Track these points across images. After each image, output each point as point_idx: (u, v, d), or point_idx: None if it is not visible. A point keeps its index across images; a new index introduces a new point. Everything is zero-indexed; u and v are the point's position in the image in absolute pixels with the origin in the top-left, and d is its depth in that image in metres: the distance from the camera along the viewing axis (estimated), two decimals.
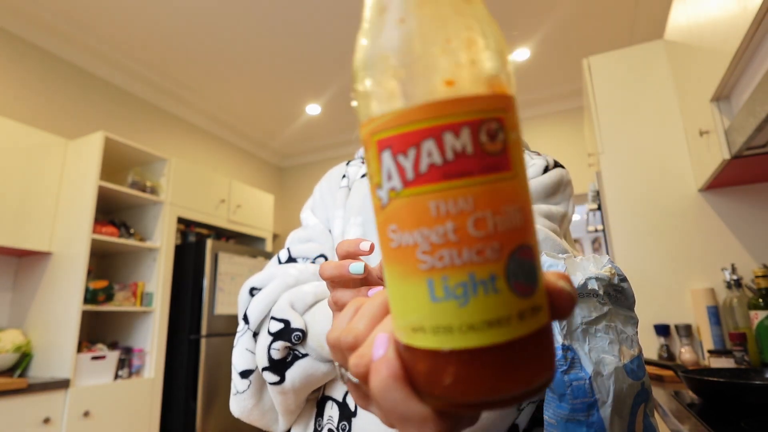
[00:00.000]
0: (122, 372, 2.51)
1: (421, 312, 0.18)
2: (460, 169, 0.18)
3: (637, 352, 0.45)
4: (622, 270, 0.47)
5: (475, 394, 0.18)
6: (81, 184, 2.47)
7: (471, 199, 0.18)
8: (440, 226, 0.18)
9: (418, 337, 0.19)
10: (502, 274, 0.18)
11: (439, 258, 0.18)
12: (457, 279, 0.18)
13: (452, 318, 0.18)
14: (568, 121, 3.84)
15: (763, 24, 0.98)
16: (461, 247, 0.18)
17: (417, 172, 0.18)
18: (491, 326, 0.18)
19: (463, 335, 0.18)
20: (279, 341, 0.54)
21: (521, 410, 0.41)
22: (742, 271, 1.59)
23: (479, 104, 0.18)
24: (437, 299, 0.18)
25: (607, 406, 0.39)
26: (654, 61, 1.88)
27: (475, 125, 0.18)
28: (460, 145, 0.18)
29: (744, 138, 1.13)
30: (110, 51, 3.12)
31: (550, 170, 0.62)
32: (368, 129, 0.20)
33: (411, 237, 0.18)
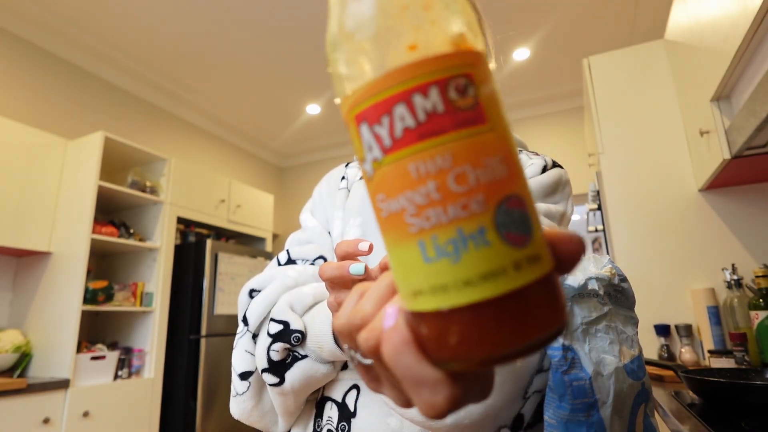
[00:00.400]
0: (122, 372, 2.51)
1: (417, 275, 0.19)
2: (434, 128, 0.18)
3: (637, 352, 0.44)
4: (622, 270, 0.47)
5: (482, 350, 0.18)
6: (81, 184, 2.47)
7: (449, 156, 0.18)
8: (422, 187, 0.18)
9: (419, 301, 0.19)
10: (491, 226, 0.18)
11: (426, 218, 0.18)
12: (446, 236, 0.18)
13: (447, 276, 0.18)
14: (568, 121, 3.84)
15: (764, 24, 0.98)
16: (446, 204, 0.18)
17: (393, 138, 0.18)
18: (487, 279, 0.18)
19: (460, 292, 0.18)
20: (278, 343, 0.54)
21: (527, 398, 0.41)
22: (743, 271, 1.59)
23: (443, 63, 0.18)
24: (430, 259, 0.18)
25: (608, 406, 0.39)
26: (654, 61, 1.88)
27: (442, 83, 0.18)
28: (430, 104, 0.18)
29: (744, 138, 1.13)
30: (110, 51, 3.12)
31: (549, 170, 0.62)
32: (346, 107, 0.20)
33: (397, 203, 0.19)
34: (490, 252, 0.18)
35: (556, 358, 0.40)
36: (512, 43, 3.18)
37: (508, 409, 0.39)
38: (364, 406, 0.55)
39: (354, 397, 0.56)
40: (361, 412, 0.55)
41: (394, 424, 0.53)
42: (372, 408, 0.54)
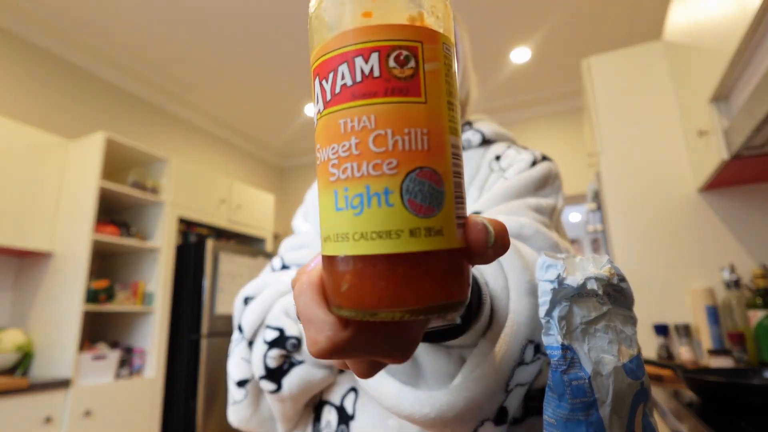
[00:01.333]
0: (123, 372, 2.51)
1: (329, 221, 0.20)
2: (367, 90, 0.19)
3: (637, 351, 0.45)
4: (621, 270, 0.48)
5: (367, 302, 0.19)
6: (82, 184, 2.48)
7: (373, 117, 0.19)
8: (346, 141, 0.20)
9: (327, 246, 0.21)
10: (396, 190, 0.19)
11: (342, 170, 0.20)
12: (355, 190, 0.19)
13: (348, 226, 0.19)
14: (568, 121, 3.85)
15: (762, 24, 0.99)
16: (361, 160, 0.19)
17: (333, 94, 0.20)
18: (381, 237, 0.19)
19: (356, 243, 0.19)
20: (274, 349, 0.53)
21: (509, 391, 0.40)
22: (741, 271, 1.59)
23: (390, 32, 0.20)
24: (339, 209, 0.20)
25: (607, 405, 0.40)
26: (653, 61, 1.89)
27: (384, 51, 0.20)
28: (368, 68, 0.19)
29: (743, 138, 1.13)
30: (111, 52, 3.12)
31: (539, 163, 0.61)
32: (311, 61, 0.22)
33: (326, 153, 0.20)
34: (389, 213, 0.19)
35: (556, 357, 0.41)
36: (512, 43, 3.18)
37: (490, 402, 0.39)
38: (363, 408, 0.55)
39: (352, 400, 0.55)
40: (360, 415, 0.54)
41: (393, 425, 0.53)
42: (371, 410, 0.54)
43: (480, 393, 0.38)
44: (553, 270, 0.42)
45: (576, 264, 0.45)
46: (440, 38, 0.21)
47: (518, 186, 0.56)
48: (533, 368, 0.40)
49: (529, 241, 0.51)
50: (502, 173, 0.60)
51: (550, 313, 0.41)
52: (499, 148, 0.65)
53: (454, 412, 0.38)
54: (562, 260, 0.43)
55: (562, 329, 0.41)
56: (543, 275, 0.43)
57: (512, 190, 0.56)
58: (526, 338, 0.39)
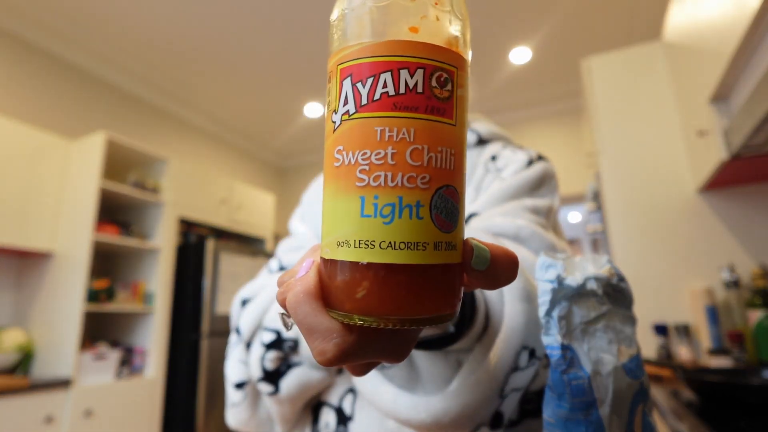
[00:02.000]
0: (124, 371, 2.51)
1: (349, 226, 0.20)
2: (409, 103, 0.20)
3: (636, 351, 0.45)
4: (620, 270, 0.48)
5: (381, 308, 0.20)
6: (83, 184, 2.48)
7: (413, 131, 0.20)
8: (381, 150, 0.20)
9: (341, 251, 0.21)
10: (427, 204, 0.20)
11: (374, 178, 0.20)
12: (386, 199, 0.20)
13: (376, 234, 0.20)
14: (568, 121, 3.85)
15: (761, 24, 0.99)
16: (396, 171, 0.20)
17: (370, 99, 0.20)
18: (409, 248, 0.20)
19: (383, 251, 0.20)
20: (272, 351, 0.53)
21: (504, 397, 0.40)
22: (740, 270, 1.60)
23: (436, 53, 0.21)
24: (366, 215, 0.20)
25: (606, 405, 0.40)
26: (653, 61, 1.89)
27: (428, 69, 0.20)
28: (413, 82, 0.20)
29: (742, 138, 1.13)
30: (112, 52, 3.13)
31: (534, 163, 0.61)
32: (336, 58, 0.22)
33: (354, 156, 0.20)
34: (419, 225, 0.20)
35: (555, 357, 0.41)
36: (512, 44, 3.19)
37: (485, 408, 0.39)
38: (362, 409, 0.54)
39: (351, 401, 0.55)
40: (359, 416, 0.54)
41: (392, 426, 0.53)
42: (369, 411, 0.54)
43: (475, 398, 0.38)
44: (552, 270, 0.43)
45: (576, 264, 0.45)
46: (467, 66, 0.22)
47: (514, 187, 0.56)
48: (528, 373, 0.40)
49: (527, 243, 0.51)
50: (498, 173, 0.60)
51: (549, 312, 0.41)
52: (495, 148, 0.65)
53: (450, 417, 0.38)
54: (561, 260, 0.43)
55: (561, 329, 0.41)
56: (543, 275, 0.43)
57: (508, 191, 0.56)
58: (521, 344, 0.40)
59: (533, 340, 0.40)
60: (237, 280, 3.12)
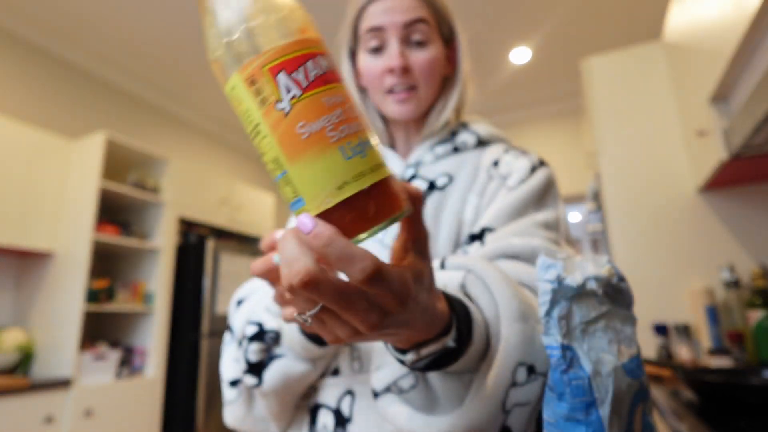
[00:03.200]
0: (123, 371, 2.51)
1: (342, 171, 0.26)
2: (330, 77, 0.28)
3: (636, 351, 0.45)
4: (620, 270, 0.48)
5: (382, 216, 0.27)
6: (83, 184, 2.48)
7: (341, 95, 0.28)
8: (334, 111, 0.27)
9: (345, 191, 0.26)
10: (369, 137, 0.28)
11: (340, 131, 0.26)
12: (355, 141, 0.27)
13: (362, 166, 0.26)
14: (568, 121, 3.85)
15: (761, 25, 0.99)
16: (350, 122, 0.27)
17: (308, 81, 0.27)
18: (379, 166, 0.27)
19: (370, 175, 0.27)
20: (254, 343, 0.54)
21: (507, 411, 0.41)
22: (740, 270, 1.60)
23: (320, 46, 0.29)
24: (349, 158, 0.26)
25: (606, 405, 0.40)
26: (652, 62, 1.89)
27: (325, 55, 0.29)
28: (325, 64, 0.28)
29: (742, 138, 1.13)
30: (112, 52, 3.13)
31: (537, 169, 0.61)
32: (257, 63, 0.27)
33: (318, 124, 0.26)
34: (375, 151, 0.28)
35: (555, 357, 0.41)
36: (512, 44, 3.19)
37: (491, 423, 0.40)
38: (360, 411, 0.55)
39: (349, 403, 0.55)
40: (357, 418, 0.54)
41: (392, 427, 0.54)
42: (368, 412, 0.54)
43: (480, 414, 0.40)
44: (552, 270, 0.43)
45: (576, 264, 0.45)
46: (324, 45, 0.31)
47: (522, 200, 0.57)
48: (529, 389, 0.41)
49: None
50: (503, 181, 0.60)
51: (549, 312, 0.41)
52: (496, 152, 0.65)
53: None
54: (561, 260, 0.44)
55: (561, 329, 0.41)
56: (543, 275, 0.43)
57: (517, 205, 0.57)
58: (516, 361, 0.41)
59: (530, 356, 0.41)
60: (237, 280, 3.12)
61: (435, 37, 0.63)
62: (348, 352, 0.58)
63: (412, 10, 0.61)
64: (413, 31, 0.61)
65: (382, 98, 0.64)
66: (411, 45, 0.61)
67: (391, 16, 0.60)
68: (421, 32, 0.61)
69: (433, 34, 0.63)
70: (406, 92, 0.62)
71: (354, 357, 0.57)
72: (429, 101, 0.65)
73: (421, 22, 0.61)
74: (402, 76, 0.61)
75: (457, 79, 0.68)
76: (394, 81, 0.61)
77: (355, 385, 0.56)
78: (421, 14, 0.61)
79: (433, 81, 0.64)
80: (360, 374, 0.56)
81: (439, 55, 0.63)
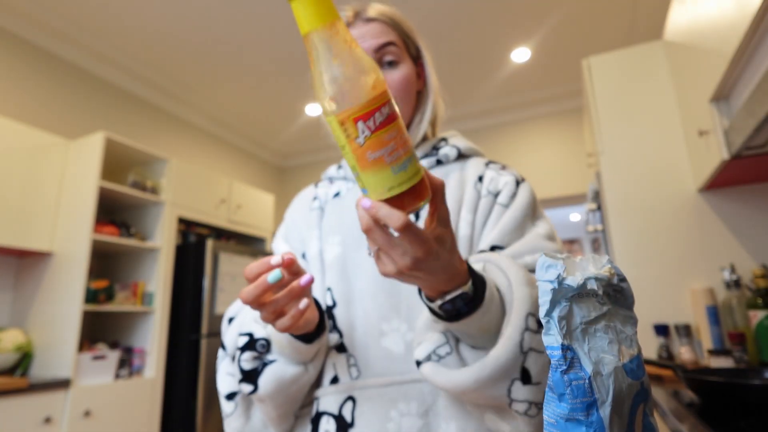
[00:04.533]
0: (123, 372, 2.51)
1: (390, 180, 0.39)
2: (389, 120, 0.39)
3: (637, 351, 0.45)
4: (621, 270, 0.48)
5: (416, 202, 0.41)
6: (82, 184, 2.47)
7: (395, 130, 0.39)
8: (389, 144, 0.38)
9: (393, 191, 0.40)
10: (412, 158, 0.40)
11: (392, 156, 0.39)
12: (402, 160, 0.39)
13: (404, 177, 0.39)
14: (568, 121, 3.85)
15: (762, 24, 0.99)
16: (398, 149, 0.39)
17: (375, 125, 0.38)
18: (417, 173, 0.40)
19: (410, 180, 0.40)
20: (247, 352, 0.58)
21: (525, 353, 0.48)
22: (741, 271, 1.59)
23: (386, 96, 0.39)
24: (396, 173, 0.39)
25: (607, 405, 0.39)
26: (653, 61, 1.89)
27: (387, 103, 0.39)
28: (387, 111, 0.39)
29: (743, 138, 1.13)
30: (111, 51, 3.13)
31: (521, 184, 0.68)
32: (345, 114, 0.38)
33: (379, 153, 0.39)
34: (413, 167, 0.40)
35: (556, 357, 0.41)
36: (512, 44, 3.18)
37: (513, 363, 0.47)
38: (362, 416, 0.57)
39: (350, 408, 0.58)
40: (359, 422, 0.56)
41: (393, 429, 0.54)
42: (370, 417, 0.56)
43: (506, 351, 0.47)
44: (553, 270, 0.42)
45: (576, 264, 0.45)
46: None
47: (520, 216, 0.65)
48: (539, 339, 0.48)
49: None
50: (493, 198, 0.67)
51: (549, 313, 0.41)
52: (477, 166, 0.71)
53: (488, 374, 0.48)
54: (561, 260, 0.43)
55: (562, 329, 0.41)
56: (543, 275, 0.43)
57: (518, 221, 0.65)
58: (527, 311, 0.49)
59: (537, 312, 0.48)
60: (236, 280, 3.12)
61: (404, 56, 0.70)
62: (345, 361, 0.61)
63: (382, 35, 0.67)
64: (385, 53, 0.67)
65: None
66: (384, 66, 0.68)
67: (362, 43, 0.67)
68: (392, 53, 0.68)
69: (402, 54, 0.69)
70: None
71: (351, 364, 0.61)
72: (407, 116, 0.71)
73: (390, 44, 0.67)
74: None
75: (428, 92, 0.73)
76: None
77: (355, 391, 0.59)
78: (390, 38, 0.68)
79: (409, 97, 0.70)
80: (359, 380, 0.59)
81: (410, 72, 0.69)
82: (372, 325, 0.61)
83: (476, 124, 4.18)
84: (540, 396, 0.48)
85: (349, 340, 0.63)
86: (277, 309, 0.46)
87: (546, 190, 3.77)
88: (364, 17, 0.68)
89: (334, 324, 0.64)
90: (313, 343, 0.56)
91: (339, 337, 0.63)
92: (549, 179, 3.78)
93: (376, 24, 0.68)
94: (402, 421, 0.55)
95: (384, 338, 0.60)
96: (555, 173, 3.78)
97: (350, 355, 0.62)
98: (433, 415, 0.56)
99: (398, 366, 0.59)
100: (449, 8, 2.81)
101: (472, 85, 3.71)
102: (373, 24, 0.68)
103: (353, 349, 0.62)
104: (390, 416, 0.56)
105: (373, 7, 0.69)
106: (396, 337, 0.60)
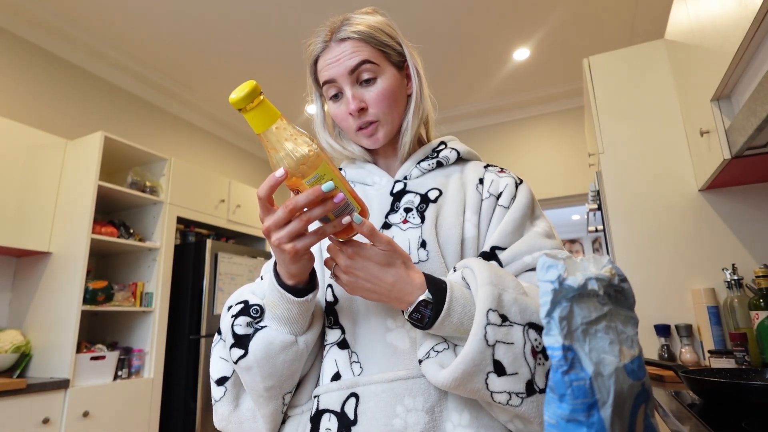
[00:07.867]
0: (122, 372, 2.50)
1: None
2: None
3: (637, 352, 0.44)
4: (622, 270, 0.47)
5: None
6: (80, 184, 2.47)
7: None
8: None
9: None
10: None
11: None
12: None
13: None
14: (569, 120, 3.84)
15: (764, 24, 0.98)
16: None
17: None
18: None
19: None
20: (241, 317, 0.60)
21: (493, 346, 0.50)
22: (743, 271, 1.59)
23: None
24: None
25: (608, 406, 0.39)
26: (654, 60, 1.88)
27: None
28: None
29: (745, 138, 1.12)
30: (110, 51, 3.12)
31: (520, 186, 0.71)
32: (293, 180, 0.53)
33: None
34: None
35: (556, 357, 0.40)
36: (512, 43, 3.18)
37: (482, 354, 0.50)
38: (365, 413, 0.57)
39: (353, 405, 0.58)
40: (362, 419, 0.56)
41: (398, 425, 0.54)
42: (374, 413, 0.56)
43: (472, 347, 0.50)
44: (553, 270, 0.42)
45: (577, 264, 0.44)
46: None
47: (520, 216, 0.67)
48: (506, 331, 0.51)
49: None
50: (495, 200, 0.70)
51: (550, 313, 0.40)
52: (477, 170, 0.74)
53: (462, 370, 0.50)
54: (562, 261, 0.43)
55: (562, 330, 0.40)
56: (544, 275, 0.42)
57: (517, 222, 0.66)
58: (487, 307, 0.51)
59: (500, 308, 0.52)
60: (236, 280, 3.11)
61: (384, 67, 0.70)
62: (347, 358, 0.62)
63: (355, 54, 0.68)
64: (361, 72, 0.68)
65: (354, 135, 0.73)
66: (362, 84, 0.69)
67: (337, 67, 0.68)
68: (367, 71, 0.68)
69: (381, 66, 0.69)
70: (371, 127, 0.70)
71: (353, 361, 0.61)
72: (395, 124, 0.73)
73: (364, 63, 0.68)
74: (361, 116, 0.69)
75: (413, 94, 0.74)
76: (357, 122, 0.70)
77: (359, 388, 0.59)
78: (363, 56, 0.68)
79: (392, 107, 0.70)
80: (362, 377, 0.59)
81: (391, 83, 0.70)
82: (377, 321, 0.62)
83: (477, 124, 4.18)
84: (518, 386, 0.50)
85: (351, 336, 0.63)
86: (300, 227, 0.53)
87: (547, 190, 3.76)
88: (337, 39, 0.69)
89: (336, 320, 0.64)
90: (303, 297, 0.56)
91: (341, 333, 0.63)
92: (550, 179, 3.78)
93: (349, 43, 0.68)
94: (408, 417, 0.55)
95: (389, 334, 0.61)
96: (556, 173, 3.78)
97: (352, 351, 0.62)
98: (439, 410, 0.56)
99: (404, 361, 0.59)
100: (449, 8, 2.81)
101: (473, 84, 3.71)
102: (346, 43, 0.68)
103: (355, 346, 0.62)
104: (396, 412, 0.56)
105: (349, 23, 0.69)
106: (402, 333, 0.60)
